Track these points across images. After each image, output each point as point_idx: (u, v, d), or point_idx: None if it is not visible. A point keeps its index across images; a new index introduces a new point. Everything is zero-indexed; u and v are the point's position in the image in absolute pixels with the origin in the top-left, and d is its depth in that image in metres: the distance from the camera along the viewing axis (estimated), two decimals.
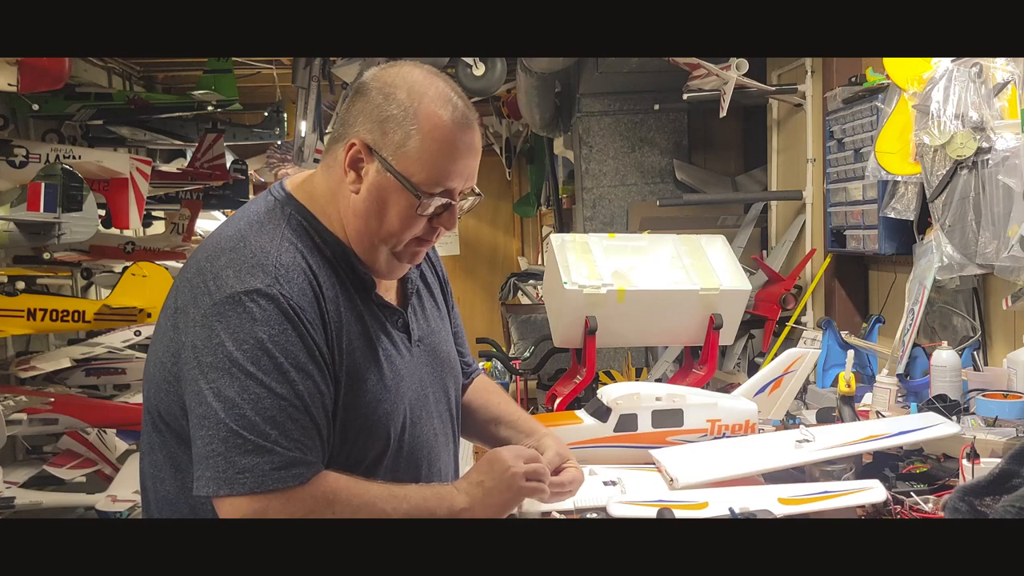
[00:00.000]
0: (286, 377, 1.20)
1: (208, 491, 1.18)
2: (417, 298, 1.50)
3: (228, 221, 1.37)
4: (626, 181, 4.87)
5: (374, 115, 1.28)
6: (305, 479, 1.20)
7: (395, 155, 1.27)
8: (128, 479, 4.11)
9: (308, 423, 1.22)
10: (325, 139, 5.56)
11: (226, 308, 1.20)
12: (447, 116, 1.28)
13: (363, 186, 1.30)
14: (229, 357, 1.18)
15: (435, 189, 1.29)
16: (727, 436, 2.13)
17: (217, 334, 1.20)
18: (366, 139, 1.29)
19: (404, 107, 1.27)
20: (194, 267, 1.29)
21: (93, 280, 5.19)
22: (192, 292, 1.25)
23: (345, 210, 1.33)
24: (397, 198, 1.29)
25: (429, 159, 1.27)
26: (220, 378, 1.19)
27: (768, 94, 3.81)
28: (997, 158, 2.23)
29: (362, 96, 1.31)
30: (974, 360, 2.63)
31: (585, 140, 4.87)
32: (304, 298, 1.25)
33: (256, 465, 1.17)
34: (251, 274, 1.23)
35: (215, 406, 1.18)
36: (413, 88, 1.29)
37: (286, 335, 1.21)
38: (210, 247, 1.30)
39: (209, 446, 1.18)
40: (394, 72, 1.32)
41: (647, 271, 2.77)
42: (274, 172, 8.55)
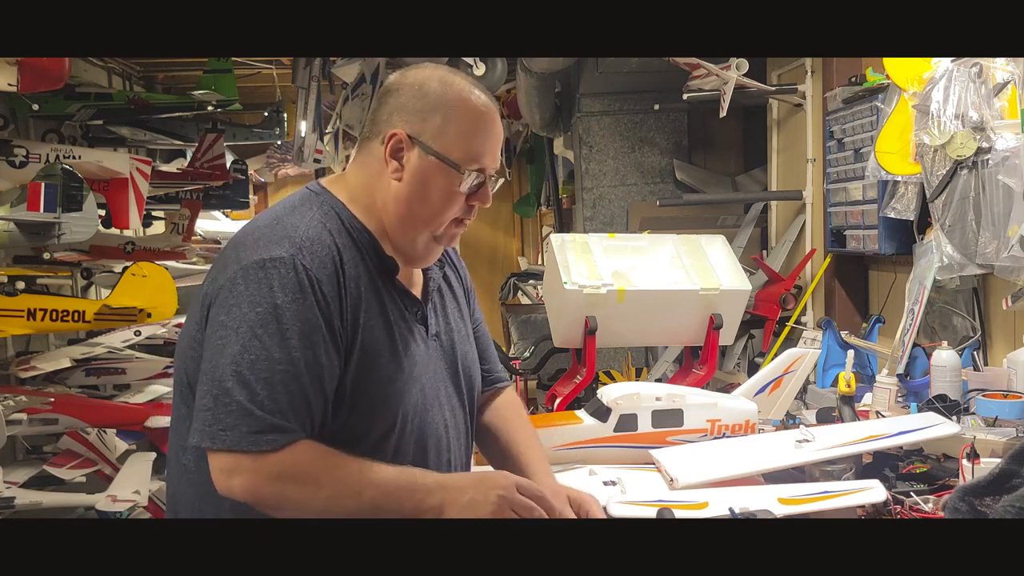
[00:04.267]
0: (288, 344, 1.27)
1: (194, 440, 1.27)
2: (438, 296, 1.56)
3: (264, 211, 1.47)
4: (626, 181, 4.87)
5: (411, 107, 1.41)
6: (278, 445, 1.25)
7: (435, 138, 1.40)
8: (128, 479, 4.11)
9: (297, 391, 1.27)
10: (325, 139, 5.57)
11: (249, 272, 1.29)
12: (477, 101, 1.42)
13: (405, 172, 1.41)
14: (242, 317, 1.27)
15: (472, 165, 1.41)
16: (727, 436, 2.13)
17: (236, 295, 1.28)
18: (406, 128, 1.40)
19: (439, 95, 1.40)
20: (230, 244, 1.39)
21: (93, 280, 5.18)
22: (224, 263, 1.35)
23: (385, 199, 1.42)
24: (438, 178, 1.40)
25: (466, 137, 1.40)
26: (228, 335, 1.26)
27: (768, 94, 3.81)
28: (997, 158, 2.23)
29: (394, 94, 1.43)
30: (974, 360, 2.63)
31: (585, 140, 4.87)
32: (323, 271, 1.32)
33: (236, 425, 1.24)
34: (278, 244, 1.31)
35: (217, 361, 1.26)
36: (444, 80, 1.42)
37: (298, 303, 1.28)
38: (247, 228, 1.41)
39: (203, 400, 1.27)
40: (420, 71, 1.44)
41: (647, 271, 2.78)
42: (274, 172, 8.56)
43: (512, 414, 1.71)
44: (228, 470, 1.25)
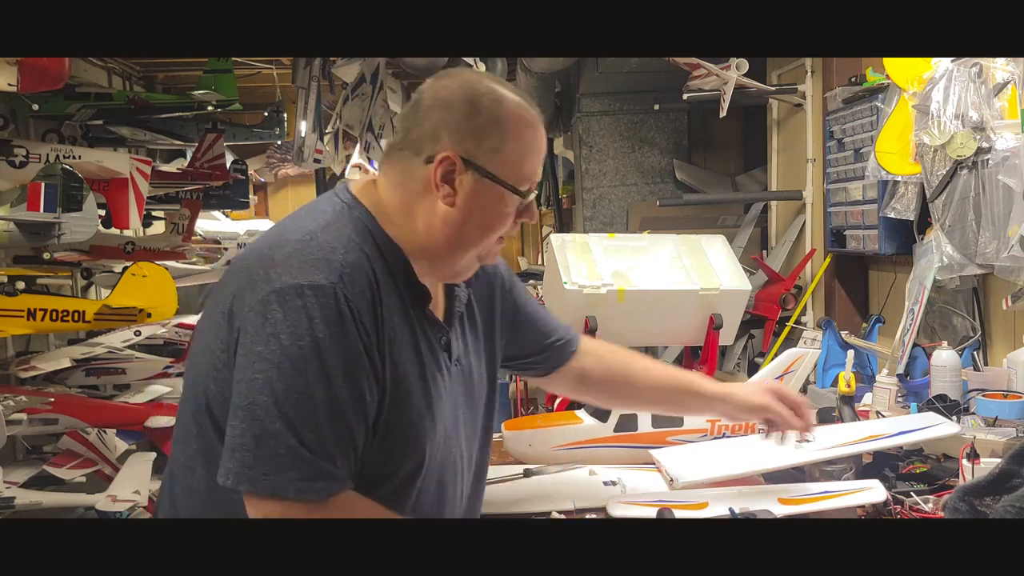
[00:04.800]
0: (333, 382, 1.19)
1: (228, 482, 1.18)
2: (462, 317, 1.48)
3: (292, 215, 1.37)
4: (626, 181, 4.87)
5: (463, 126, 1.30)
6: (327, 495, 1.18)
7: (491, 160, 1.31)
8: (128, 479, 4.11)
9: (344, 432, 1.20)
10: (325, 139, 5.57)
11: (285, 298, 1.19)
12: (530, 118, 1.34)
13: (459, 197, 1.31)
14: (282, 351, 1.17)
15: (527, 185, 1.35)
16: (727, 436, 2.13)
17: (272, 323, 1.18)
18: (458, 151, 1.30)
19: (493, 113, 1.31)
20: (255, 254, 1.28)
21: (93, 280, 5.18)
22: (250, 278, 1.24)
23: (430, 222, 1.33)
24: (495, 201, 1.33)
25: (521, 158, 1.33)
26: (268, 370, 1.17)
27: (768, 94, 3.82)
28: (997, 158, 2.23)
29: (439, 109, 1.32)
30: (974, 360, 2.63)
31: (585, 140, 4.87)
32: (363, 301, 1.23)
33: (282, 470, 1.16)
34: (316, 267, 1.22)
35: (257, 399, 1.17)
36: (494, 94, 1.32)
37: (342, 337, 1.20)
38: (274, 236, 1.31)
39: (240, 438, 1.17)
40: (464, 82, 1.34)
41: (647, 271, 2.78)
42: (274, 172, 8.56)
43: (617, 351, 1.73)
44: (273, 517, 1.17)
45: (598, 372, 1.69)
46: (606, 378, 1.69)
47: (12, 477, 4.10)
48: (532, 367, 1.69)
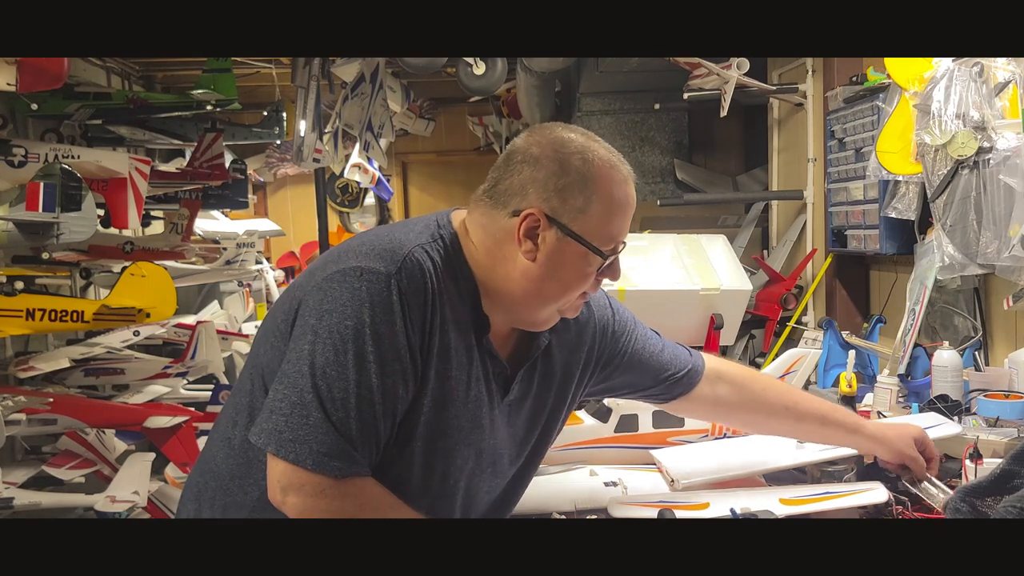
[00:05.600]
0: (368, 367, 1.23)
1: (258, 440, 1.24)
2: (536, 363, 1.48)
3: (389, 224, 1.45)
4: None
5: (550, 184, 1.32)
6: (342, 474, 1.22)
7: (575, 220, 1.32)
8: (127, 480, 4.10)
9: (370, 419, 1.25)
10: (324, 138, 5.56)
11: (344, 277, 1.26)
12: (619, 177, 1.35)
13: (540, 253, 1.33)
14: (331, 326, 1.23)
15: (610, 245, 1.36)
16: (728, 436, 2.13)
17: (329, 300, 1.25)
18: (543, 208, 1.32)
19: (582, 173, 1.32)
20: (337, 247, 1.37)
21: (92, 280, 5.17)
22: (325, 259, 1.33)
23: (510, 272, 1.36)
24: (576, 260, 1.34)
25: (607, 219, 1.34)
26: (316, 343, 1.24)
27: (769, 93, 3.81)
28: (998, 158, 2.23)
29: (530, 165, 1.34)
30: (975, 360, 2.62)
31: None
32: (416, 297, 1.27)
33: (306, 439, 1.21)
34: (381, 256, 1.28)
35: (300, 367, 1.23)
36: (585, 154, 1.34)
37: (386, 325, 1.24)
38: (364, 233, 1.40)
39: (279, 402, 1.24)
40: (556, 138, 1.36)
41: (647, 271, 2.78)
42: (273, 172, 8.55)
43: (762, 387, 1.76)
44: (286, 485, 1.22)
45: (736, 401, 1.72)
46: (749, 408, 1.73)
47: (11, 477, 4.10)
48: (649, 398, 1.72)
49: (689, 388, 1.68)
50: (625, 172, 1.37)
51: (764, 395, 1.74)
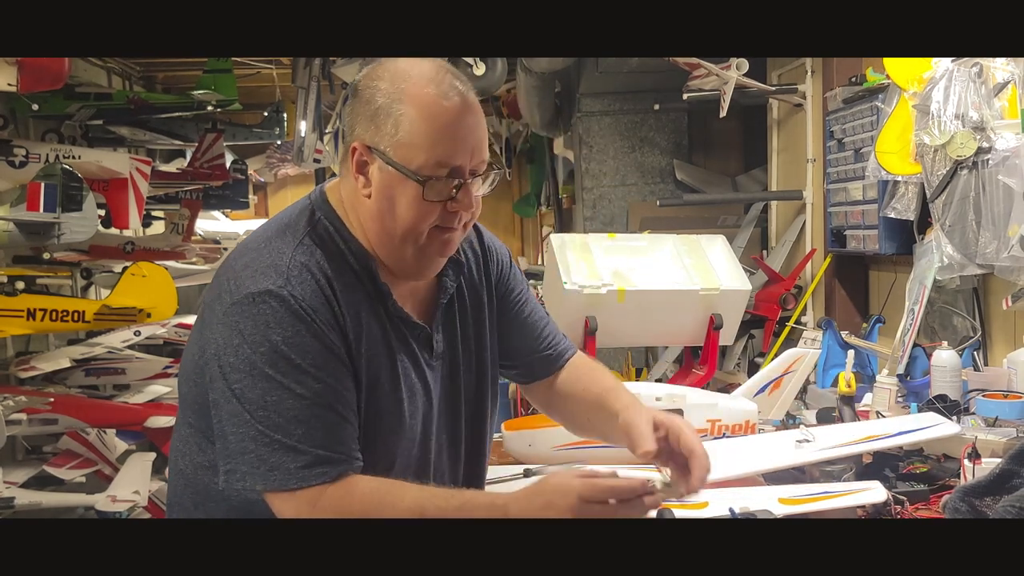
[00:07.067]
0: (304, 377, 1.21)
1: (244, 484, 1.21)
2: (450, 308, 1.43)
3: (268, 219, 1.39)
4: (626, 181, 4.87)
5: (366, 112, 1.27)
6: (330, 477, 1.20)
7: (391, 145, 1.25)
8: (128, 479, 4.11)
9: (333, 419, 1.22)
10: (325, 139, 5.57)
11: (242, 308, 1.22)
12: (434, 91, 1.25)
13: (373, 188, 1.28)
14: (248, 360, 1.20)
15: (440, 171, 1.25)
16: (727, 436, 2.13)
17: (235, 335, 1.22)
18: (364, 139, 1.27)
19: (389, 94, 1.25)
20: (226, 264, 1.32)
21: (93, 280, 5.18)
22: (218, 289, 1.28)
23: (364, 217, 1.31)
24: (403, 190, 1.26)
25: (424, 140, 1.24)
26: (242, 379, 1.21)
27: (768, 94, 3.82)
28: (997, 158, 2.23)
29: (354, 97, 1.31)
30: (974, 360, 2.63)
31: (585, 140, 4.86)
32: (317, 299, 1.24)
33: (282, 463, 1.19)
34: (264, 275, 1.24)
35: (241, 406, 1.21)
36: (396, 74, 1.27)
37: (300, 336, 1.21)
38: (241, 246, 1.33)
39: (241, 443, 1.21)
40: (379, 67, 1.31)
41: (647, 271, 2.78)
42: (274, 172, 8.56)
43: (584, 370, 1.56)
44: (288, 513, 1.20)
45: (560, 398, 1.57)
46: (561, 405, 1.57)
47: (12, 477, 4.10)
48: (512, 370, 1.60)
49: (549, 373, 1.56)
50: (448, 87, 1.25)
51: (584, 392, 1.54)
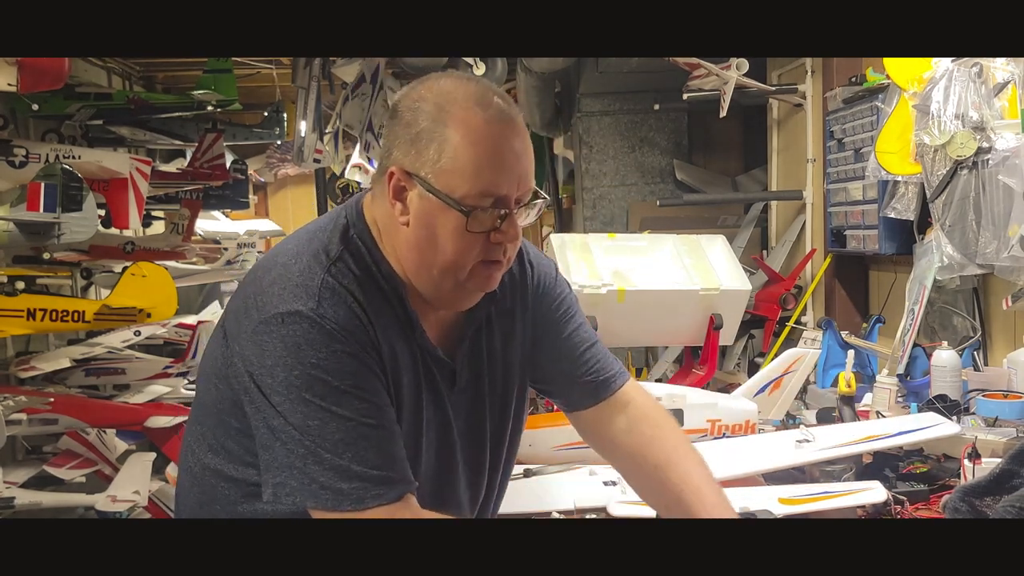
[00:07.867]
0: (344, 398, 1.15)
1: (295, 500, 1.16)
2: (477, 338, 1.35)
3: (301, 228, 1.33)
4: (626, 181, 4.87)
5: (406, 135, 1.19)
6: (387, 500, 1.15)
7: (433, 172, 1.17)
8: (128, 479, 4.11)
9: (382, 437, 1.17)
10: (325, 139, 5.57)
11: (270, 328, 1.17)
12: (480, 116, 1.17)
13: (411, 216, 1.20)
14: (285, 383, 1.15)
15: (484, 201, 1.17)
16: (727, 436, 2.13)
17: (268, 356, 1.16)
18: (403, 163, 1.19)
19: (433, 118, 1.17)
20: (252, 274, 1.27)
21: (93, 280, 5.18)
22: (244, 302, 1.22)
23: (400, 245, 1.23)
24: (444, 220, 1.18)
25: (470, 167, 1.16)
26: (283, 403, 1.15)
27: (768, 94, 3.82)
28: (997, 158, 2.24)
29: (393, 118, 1.23)
30: (974, 360, 2.63)
31: (585, 140, 4.86)
32: (351, 322, 1.18)
33: (332, 483, 1.14)
34: (295, 295, 1.18)
35: (287, 426, 1.15)
36: (440, 96, 1.19)
37: (335, 357, 1.16)
38: (269, 257, 1.28)
39: (288, 459, 1.16)
40: (422, 86, 1.23)
41: (647, 271, 2.78)
42: (274, 172, 8.56)
43: (652, 433, 1.42)
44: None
45: (626, 446, 1.44)
46: (634, 462, 1.45)
47: (12, 477, 4.11)
48: (551, 396, 1.52)
49: (594, 403, 1.44)
50: (496, 112, 1.18)
51: (648, 446, 1.43)
